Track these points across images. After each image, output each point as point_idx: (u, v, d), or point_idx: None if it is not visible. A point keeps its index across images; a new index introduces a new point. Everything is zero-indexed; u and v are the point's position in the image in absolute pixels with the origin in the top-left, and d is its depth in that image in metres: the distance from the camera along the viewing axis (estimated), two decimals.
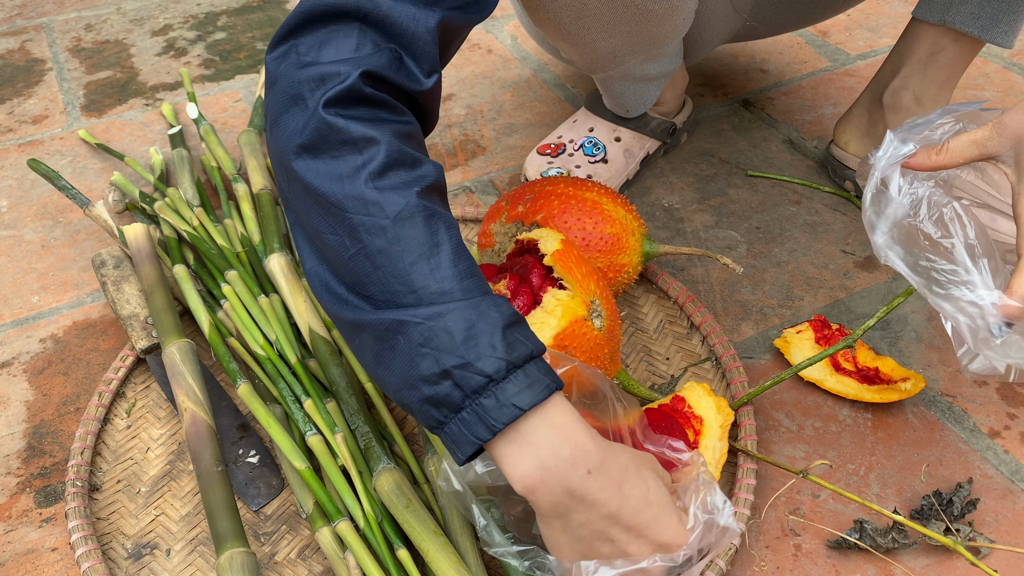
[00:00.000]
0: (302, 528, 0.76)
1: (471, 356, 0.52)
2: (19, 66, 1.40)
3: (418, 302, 0.53)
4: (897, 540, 0.72)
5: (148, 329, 0.88)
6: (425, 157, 0.59)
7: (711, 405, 0.77)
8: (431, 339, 0.52)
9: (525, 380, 0.52)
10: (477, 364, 0.52)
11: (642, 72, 0.98)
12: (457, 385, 0.52)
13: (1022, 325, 0.59)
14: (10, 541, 0.76)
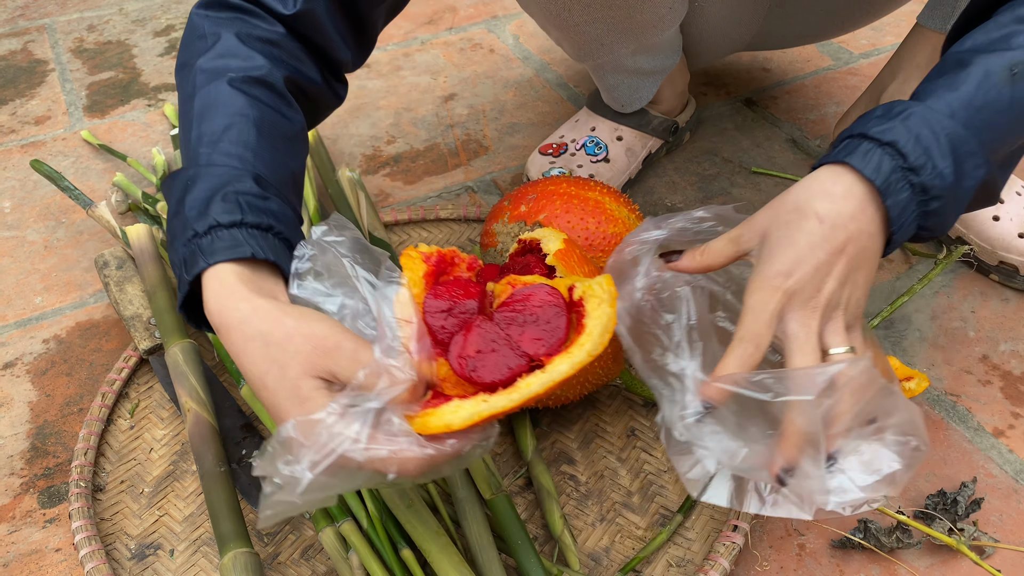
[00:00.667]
0: (305, 528, 0.76)
1: (191, 216, 0.61)
2: (22, 67, 1.40)
3: (192, 165, 0.64)
4: (901, 540, 0.72)
5: (151, 330, 0.88)
6: (260, 55, 0.69)
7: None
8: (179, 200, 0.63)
9: (225, 240, 0.60)
10: (194, 224, 0.60)
11: (634, 65, 0.98)
12: (177, 236, 0.62)
13: (721, 413, 0.58)
14: (14, 542, 0.76)
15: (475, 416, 0.55)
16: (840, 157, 0.60)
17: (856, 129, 0.61)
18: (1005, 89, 0.61)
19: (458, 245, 1.03)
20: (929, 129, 0.59)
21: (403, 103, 1.29)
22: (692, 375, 0.61)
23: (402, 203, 1.11)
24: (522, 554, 0.67)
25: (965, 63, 0.62)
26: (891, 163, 0.59)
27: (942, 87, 0.61)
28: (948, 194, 0.60)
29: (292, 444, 0.54)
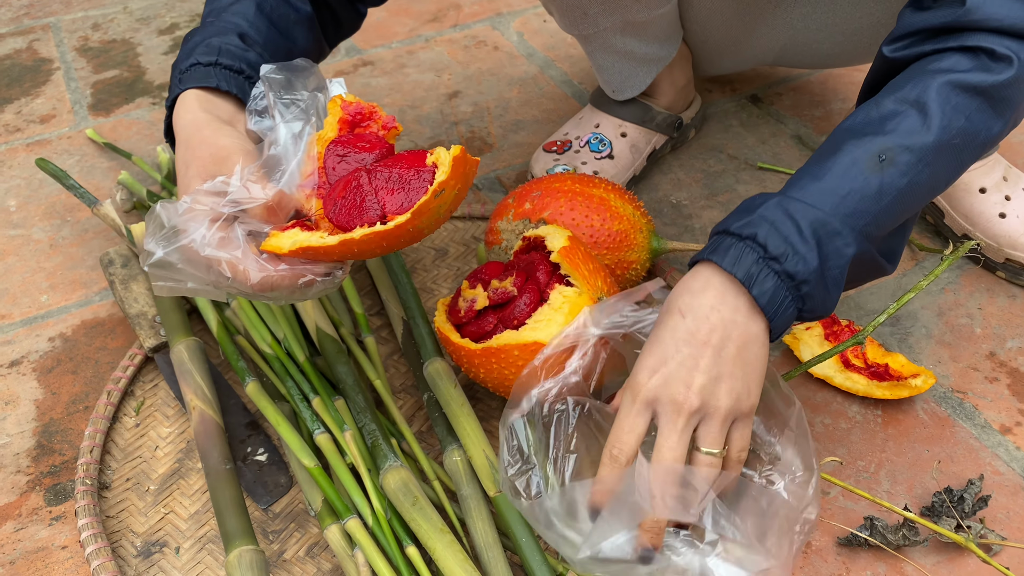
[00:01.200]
0: (311, 526, 0.76)
1: (180, 58, 0.74)
2: (27, 66, 1.40)
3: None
4: (908, 537, 0.71)
5: (156, 328, 0.88)
6: None
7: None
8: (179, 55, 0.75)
9: (200, 74, 0.71)
10: (180, 64, 0.73)
11: (624, 46, 0.97)
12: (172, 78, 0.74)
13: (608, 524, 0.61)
14: (20, 539, 0.76)
15: (299, 243, 0.62)
16: (704, 255, 0.62)
17: (721, 226, 0.63)
18: (872, 177, 0.62)
19: (463, 243, 1.03)
20: (789, 218, 0.60)
21: (407, 100, 1.29)
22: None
23: None
24: (527, 551, 0.67)
25: (836, 148, 0.63)
26: (752, 255, 0.60)
27: (807, 176, 0.63)
28: (815, 277, 0.60)
29: (155, 222, 0.63)
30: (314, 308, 0.85)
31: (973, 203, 0.97)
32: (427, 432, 0.83)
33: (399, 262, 0.91)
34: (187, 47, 0.74)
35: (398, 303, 0.89)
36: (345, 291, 0.92)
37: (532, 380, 0.70)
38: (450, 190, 0.62)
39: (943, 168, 0.64)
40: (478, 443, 0.74)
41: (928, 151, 0.62)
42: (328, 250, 0.62)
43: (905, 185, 0.62)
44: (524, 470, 0.68)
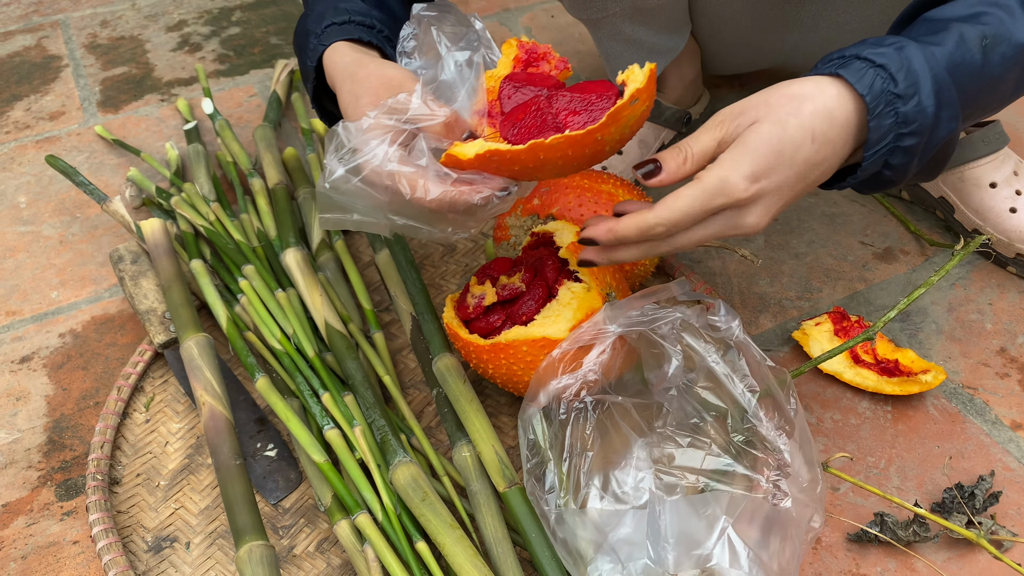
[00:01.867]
0: (320, 521, 0.76)
1: (311, 26, 0.77)
2: (36, 63, 1.40)
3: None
4: (918, 533, 0.71)
5: (166, 324, 0.88)
6: None
7: None
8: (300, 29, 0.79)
9: (338, 31, 0.74)
10: (314, 29, 0.76)
11: (633, 33, 0.97)
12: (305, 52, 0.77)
13: None
14: (32, 534, 0.76)
15: (485, 148, 0.61)
16: (833, 69, 0.60)
17: (849, 51, 0.61)
18: (978, 55, 0.62)
19: (471, 239, 1.03)
20: (920, 64, 0.59)
21: None
22: None
23: None
24: (537, 547, 0.67)
25: (941, 26, 0.63)
26: (882, 84, 0.59)
27: (924, 40, 0.61)
28: (925, 133, 0.60)
29: (335, 141, 0.64)
30: (323, 304, 0.85)
31: (983, 198, 0.96)
32: (436, 427, 0.83)
33: (407, 258, 0.91)
34: (312, 18, 0.76)
35: (407, 299, 0.89)
36: (353, 287, 0.92)
37: (549, 373, 0.70)
38: (642, 102, 0.60)
39: (1021, 70, 0.64)
40: (487, 438, 0.74)
41: (1020, 49, 0.63)
42: (514, 156, 0.61)
43: (998, 74, 0.63)
44: (539, 464, 0.69)
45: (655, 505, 0.63)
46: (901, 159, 0.60)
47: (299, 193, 1.01)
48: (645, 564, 0.62)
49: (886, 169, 0.61)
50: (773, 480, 0.66)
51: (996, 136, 0.96)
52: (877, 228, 1.04)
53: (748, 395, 0.68)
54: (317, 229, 0.97)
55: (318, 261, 0.94)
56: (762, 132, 0.59)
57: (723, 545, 0.62)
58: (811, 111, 0.59)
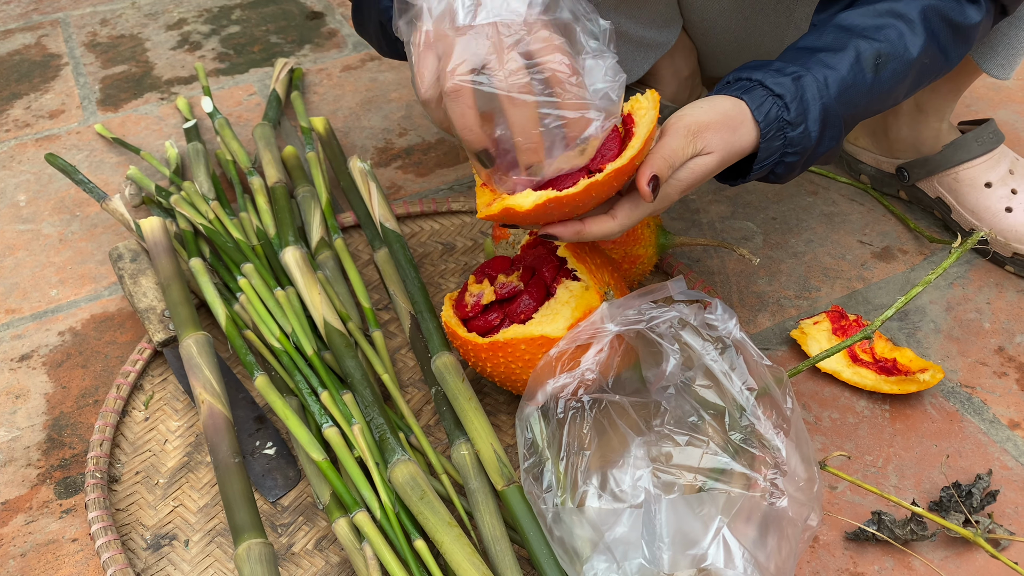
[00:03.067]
0: (319, 519, 0.76)
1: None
2: (36, 61, 1.40)
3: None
4: (916, 532, 0.71)
5: (165, 322, 0.88)
6: None
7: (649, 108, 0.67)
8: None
9: None
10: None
11: (619, 26, 0.97)
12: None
13: None
14: (31, 532, 0.76)
15: (542, 198, 0.63)
16: (739, 93, 0.68)
17: (754, 74, 0.69)
18: (870, 74, 0.71)
19: (470, 238, 1.03)
20: (812, 94, 0.68)
21: (414, 95, 1.29)
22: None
23: (414, 195, 1.11)
24: (535, 545, 0.68)
25: (841, 43, 0.70)
26: (776, 112, 0.68)
27: (821, 62, 0.69)
28: (807, 152, 0.70)
29: None
30: (322, 302, 0.86)
31: (979, 198, 0.96)
32: (435, 426, 0.83)
33: (407, 256, 0.91)
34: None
35: (406, 297, 0.89)
36: (352, 285, 0.92)
37: (547, 373, 0.70)
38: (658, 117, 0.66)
39: (912, 80, 0.74)
40: (486, 437, 0.74)
41: (911, 64, 0.72)
42: (571, 199, 0.63)
43: (887, 89, 0.72)
44: (536, 463, 0.69)
45: (651, 504, 0.63)
46: (784, 169, 0.71)
47: (298, 192, 1.01)
48: (640, 564, 0.62)
49: (771, 175, 0.72)
50: (770, 479, 0.66)
51: (990, 136, 0.96)
52: (876, 227, 1.04)
53: (746, 393, 0.68)
54: (316, 227, 0.97)
55: (317, 260, 0.94)
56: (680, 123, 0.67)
57: (718, 545, 0.62)
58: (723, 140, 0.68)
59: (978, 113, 1.18)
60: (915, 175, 1.01)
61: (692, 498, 0.63)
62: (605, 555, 0.63)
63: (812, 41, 0.72)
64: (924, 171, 0.99)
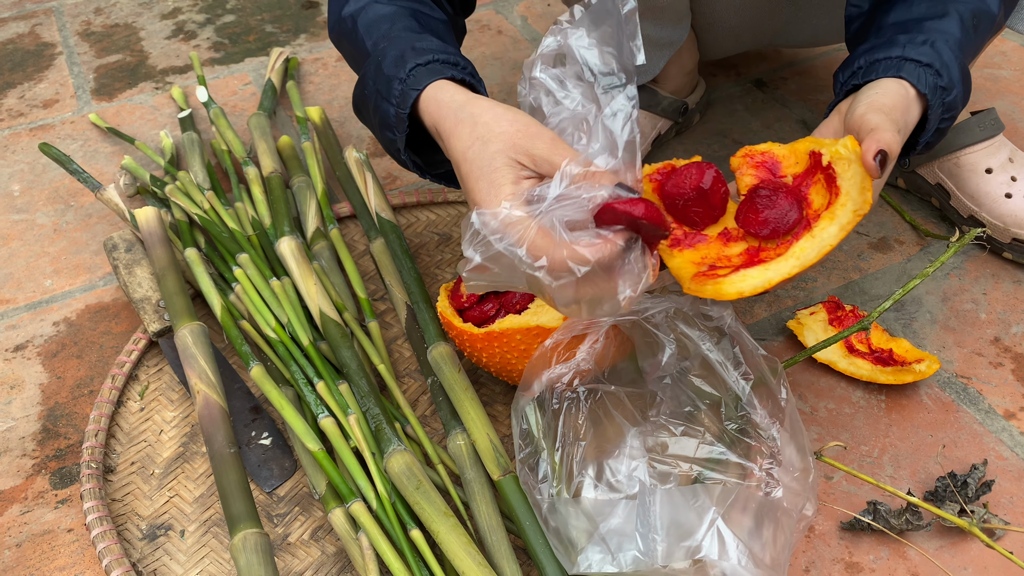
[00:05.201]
0: (315, 509, 0.76)
1: (391, 72, 0.69)
2: (29, 50, 1.40)
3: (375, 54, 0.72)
4: (911, 521, 0.71)
5: (160, 312, 0.88)
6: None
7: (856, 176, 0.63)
8: (374, 78, 0.70)
9: (425, 72, 0.68)
10: (396, 74, 0.68)
11: (643, 32, 0.97)
12: (384, 97, 0.69)
13: None
14: (27, 522, 0.76)
15: (768, 282, 0.60)
16: (894, 72, 0.68)
17: (891, 52, 0.69)
18: (972, 33, 0.72)
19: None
20: (949, 57, 0.69)
21: None
22: None
23: (410, 186, 1.11)
24: (531, 535, 0.68)
25: (940, 9, 0.72)
26: (933, 80, 0.68)
27: (936, 29, 0.70)
28: (956, 116, 0.70)
29: (471, 229, 0.60)
30: (318, 293, 0.85)
31: (979, 183, 0.96)
32: (431, 416, 0.83)
33: (403, 247, 0.91)
34: (388, 60, 0.69)
35: (402, 288, 0.88)
36: (348, 276, 0.92)
37: (543, 363, 0.70)
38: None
39: (992, 37, 0.77)
40: (482, 427, 0.74)
41: (994, 20, 0.74)
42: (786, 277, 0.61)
43: (981, 46, 0.75)
44: (532, 454, 0.69)
45: (646, 495, 0.63)
46: (937, 137, 0.72)
47: (293, 182, 1.01)
48: (635, 556, 0.62)
49: (926, 146, 0.73)
50: (766, 468, 0.66)
51: (991, 122, 0.97)
52: (872, 217, 1.03)
53: (742, 383, 0.68)
54: (312, 218, 0.97)
55: (313, 250, 0.94)
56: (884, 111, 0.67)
57: (712, 536, 0.62)
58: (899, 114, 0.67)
59: (975, 104, 1.18)
60: (916, 160, 1.01)
61: (687, 489, 0.63)
62: (600, 546, 0.63)
63: (906, 14, 0.73)
64: (925, 155, 0.99)
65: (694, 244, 0.67)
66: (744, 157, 0.70)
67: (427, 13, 0.77)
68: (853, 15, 0.80)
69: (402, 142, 0.70)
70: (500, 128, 0.62)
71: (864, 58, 0.70)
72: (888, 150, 0.62)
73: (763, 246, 0.65)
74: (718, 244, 0.67)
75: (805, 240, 0.61)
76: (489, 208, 0.59)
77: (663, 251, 0.67)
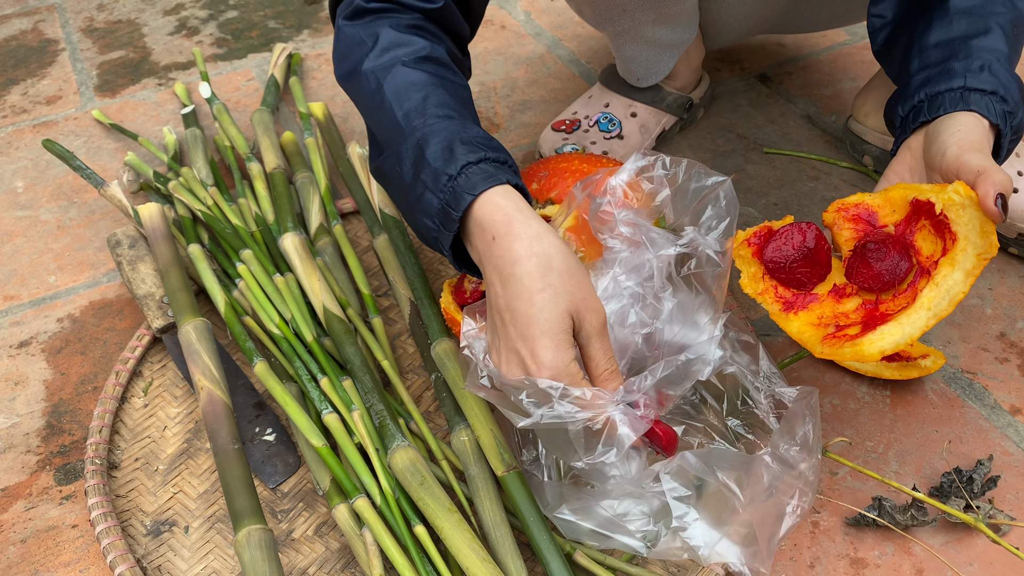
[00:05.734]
0: (319, 505, 0.76)
1: (439, 165, 0.65)
2: (32, 47, 1.40)
3: (409, 135, 0.68)
4: (916, 517, 0.71)
5: (164, 308, 0.88)
6: (418, 38, 0.74)
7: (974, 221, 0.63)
8: (414, 162, 0.67)
9: (480, 173, 0.64)
10: (445, 169, 0.65)
11: (653, 35, 0.96)
12: (429, 188, 0.66)
13: None
14: (31, 518, 0.76)
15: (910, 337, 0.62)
16: (964, 107, 0.68)
17: (952, 83, 0.69)
18: (1015, 43, 0.72)
19: None
20: (1005, 78, 0.69)
21: None
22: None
23: None
24: (535, 531, 0.68)
25: (981, 25, 0.71)
26: (1000, 107, 0.68)
27: (984, 48, 0.71)
28: (1021, 136, 0.71)
29: (475, 367, 0.63)
30: (321, 289, 0.85)
31: None
32: (435, 412, 0.83)
33: (406, 243, 0.91)
34: (432, 150, 0.66)
35: (405, 284, 0.88)
36: (352, 272, 0.92)
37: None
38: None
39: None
40: (485, 423, 0.74)
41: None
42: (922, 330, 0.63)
43: (1020, 53, 0.75)
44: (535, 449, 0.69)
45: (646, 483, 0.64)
46: (1004, 159, 0.71)
47: (297, 178, 1.01)
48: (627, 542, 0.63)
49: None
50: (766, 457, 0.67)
51: None
52: None
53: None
54: (315, 214, 0.96)
55: (316, 246, 0.94)
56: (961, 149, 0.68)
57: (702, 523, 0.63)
58: (977, 143, 0.67)
59: None
60: None
61: (681, 476, 0.65)
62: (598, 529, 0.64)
63: (947, 32, 0.72)
64: None
65: (807, 305, 0.69)
66: (838, 212, 0.71)
67: (454, 81, 0.73)
68: (878, 25, 0.79)
69: (448, 240, 0.66)
70: (573, 284, 0.61)
71: (924, 91, 0.70)
72: (1004, 191, 0.63)
73: (880, 299, 0.67)
74: (831, 302, 0.69)
75: (930, 290, 0.62)
76: (549, 366, 0.60)
77: (777, 317, 0.69)
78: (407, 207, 0.69)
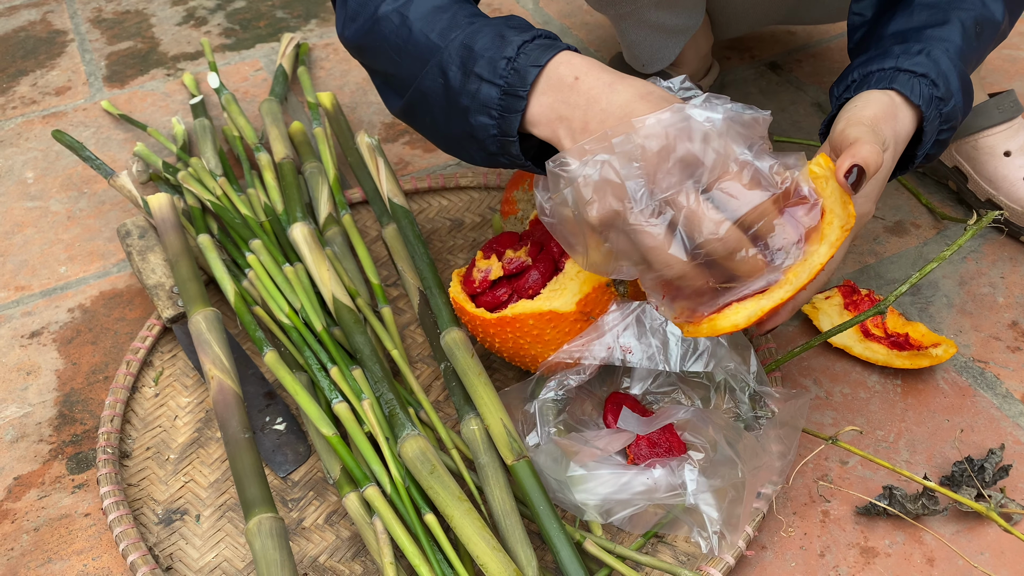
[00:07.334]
0: (329, 494, 0.76)
1: (493, 53, 0.63)
2: (41, 38, 1.40)
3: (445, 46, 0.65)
4: (927, 506, 0.71)
5: (174, 298, 0.88)
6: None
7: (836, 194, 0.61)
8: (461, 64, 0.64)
9: (538, 48, 0.62)
10: (502, 53, 0.63)
11: (657, 20, 0.96)
12: (486, 79, 0.63)
13: None
14: (44, 507, 0.77)
15: (757, 311, 0.61)
16: (886, 84, 0.66)
17: (884, 64, 0.67)
18: (974, 41, 0.71)
19: (479, 213, 1.02)
20: (946, 66, 0.67)
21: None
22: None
23: (422, 171, 1.10)
24: (545, 519, 0.68)
25: (940, 17, 0.70)
26: (928, 91, 0.66)
27: (935, 37, 0.69)
28: (956, 127, 0.68)
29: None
30: (331, 278, 0.85)
31: (997, 167, 0.95)
32: (444, 401, 0.83)
33: (415, 232, 0.91)
34: (482, 44, 0.63)
35: (414, 273, 0.88)
36: (361, 261, 0.92)
37: (556, 368, 0.73)
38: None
39: (996, 43, 0.76)
40: (495, 412, 0.74)
41: (998, 27, 0.73)
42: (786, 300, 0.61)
43: (984, 54, 0.74)
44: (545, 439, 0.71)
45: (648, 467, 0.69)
46: (937, 149, 0.69)
47: (305, 168, 1.01)
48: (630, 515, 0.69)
49: (926, 158, 0.70)
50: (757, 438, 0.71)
51: (1010, 104, 0.95)
52: (888, 201, 1.02)
53: None
54: (324, 203, 0.96)
55: (325, 236, 0.94)
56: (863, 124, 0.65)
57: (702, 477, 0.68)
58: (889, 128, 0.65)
59: (993, 85, 1.16)
60: None
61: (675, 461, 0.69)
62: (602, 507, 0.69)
63: (906, 23, 0.71)
64: None
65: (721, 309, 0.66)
66: None
67: (473, 3, 0.72)
68: (857, 24, 0.78)
69: (515, 123, 0.63)
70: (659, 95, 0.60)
71: (858, 71, 0.68)
72: (864, 164, 0.60)
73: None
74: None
75: (799, 264, 0.60)
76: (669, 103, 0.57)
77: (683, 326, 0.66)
78: (457, 117, 0.65)
